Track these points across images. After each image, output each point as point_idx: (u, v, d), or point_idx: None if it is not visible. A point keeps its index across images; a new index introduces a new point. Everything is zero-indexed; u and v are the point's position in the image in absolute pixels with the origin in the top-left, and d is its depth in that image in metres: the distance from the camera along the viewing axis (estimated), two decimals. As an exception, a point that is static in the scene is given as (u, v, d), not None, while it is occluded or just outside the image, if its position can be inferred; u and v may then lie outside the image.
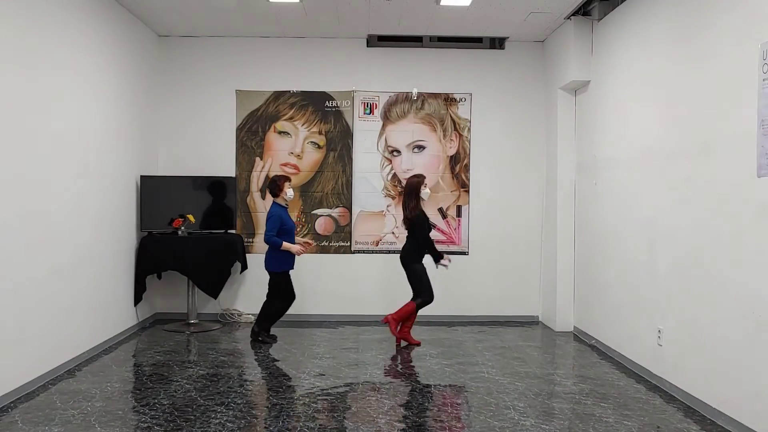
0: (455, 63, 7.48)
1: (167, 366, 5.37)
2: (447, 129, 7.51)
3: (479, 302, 7.48)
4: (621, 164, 5.73)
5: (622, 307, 5.66)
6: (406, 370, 5.41)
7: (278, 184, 6.16)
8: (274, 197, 6.20)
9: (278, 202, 6.18)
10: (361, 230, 7.48)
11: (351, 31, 7.18)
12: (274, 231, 6.02)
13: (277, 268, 6.15)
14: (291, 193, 6.21)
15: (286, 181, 6.21)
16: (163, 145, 7.40)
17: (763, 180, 3.73)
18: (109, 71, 6.04)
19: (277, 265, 6.14)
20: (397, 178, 7.48)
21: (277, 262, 6.13)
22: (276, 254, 6.11)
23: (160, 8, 6.42)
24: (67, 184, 5.21)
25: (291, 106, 7.45)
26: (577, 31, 6.49)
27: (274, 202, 6.20)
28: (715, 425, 4.12)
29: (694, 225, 4.49)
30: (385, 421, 4.12)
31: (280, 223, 6.06)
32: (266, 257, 6.20)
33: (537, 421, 4.14)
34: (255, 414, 4.25)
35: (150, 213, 6.83)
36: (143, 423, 4.03)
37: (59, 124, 5.09)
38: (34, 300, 4.72)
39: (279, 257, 6.12)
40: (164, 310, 7.36)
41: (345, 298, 7.45)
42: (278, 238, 6.04)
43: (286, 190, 6.15)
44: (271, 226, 6.03)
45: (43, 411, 4.23)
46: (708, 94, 4.34)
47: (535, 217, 7.54)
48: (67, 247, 5.21)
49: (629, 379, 5.16)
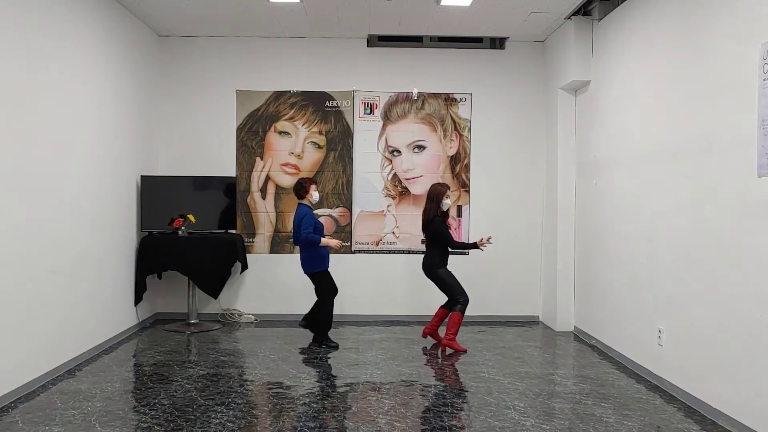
0: (455, 63, 7.48)
1: (167, 366, 5.37)
2: (447, 129, 7.51)
3: (479, 302, 7.46)
4: (621, 164, 5.73)
5: (622, 307, 5.66)
6: (407, 370, 5.41)
7: (304, 186, 6.14)
8: (300, 199, 6.17)
9: (304, 203, 6.16)
10: (361, 230, 7.47)
11: (351, 31, 7.18)
12: (311, 228, 5.95)
13: (316, 269, 6.09)
14: (317, 196, 6.19)
15: (313, 183, 6.19)
16: (163, 145, 7.40)
17: (764, 180, 3.72)
18: (109, 71, 6.04)
19: (315, 265, 6.07)
20: (398, 178, 7.48)
21: (315, 263, 6.07)
22: (312, 254, 6.04)
23: (160, 8, 6.42)
24: (67, 184, 5.21)
25: (291, 106, 7.45)
26: (578, 31, 6.49)
27: (300, 203, 6.17)
28: (715, 425, 4.12)
29: (694, 225, 4.49)
30: (385, 421, 4.12)
31: (314, 221, 6.04)
32: (303, 260, 6.11)
33: (537, 421, 4.14)
34: (255, 414, 4.25)
35: (150, 213, 6.84)
36: (143, 423, 4.03)
37: (60, 124, 5.09)
38: (34, 300, 4.72)
39: (316, 257, 6.05)
40: (164, 310, 7.36)
41: (345, 298, 7.44)
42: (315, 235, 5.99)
43: (312, 192, 6.14)
44: (308, 223, 5.94)
45: (44, 411, 4.23)
46: (708, 93, 4.34)
47: (536, 217, 7.54)
48: (67, 247, 5.21)
49: (629, 379, 5.16)
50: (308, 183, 6.17)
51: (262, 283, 7.43)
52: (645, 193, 5.25)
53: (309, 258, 6.07)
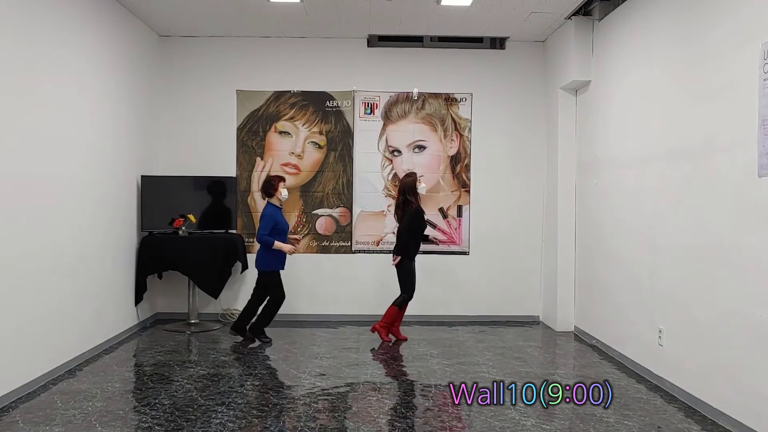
0: (456, 63, 7.48)
1: (168, 366, 5.38)
2: (447, 129, 7.51)
3: (479, 302, 7.48)
4: (622, 164, 5.73)
5: (622, 307, 5.66)
6: (407, 370, 5.41)
7: (273, 184, 6.19)
8: (269, 197, 6.22)
9: (272, 202, 6.21)
10: (361, 230, 7.47)
11: (351, 31, 7.18)
12: (266, 230, 6.06)
13: (267, 267, 6.18)
14: (285, 194, 6.24)
15: (281, 181, 6.24)
16: (163, 145, 7.41)
17: (764, 180, 3.72)
18: (109, 71, 6.04)
19: (267, 264, 6.17)
20: (398, 178, 7.48)
21: (267, 261, 6.17)
22: (267, 253, 6.15)
23: (160, 8, 6.43)
24: (67, 184, 5.21)
25: (291, 106, 7.45)
26: (578, 31, 6.49)
27: (269, 202, 6.22)
28: (715, 425, 4.12)
29: (694, 225, 4.49)
30: (385, 421, 4.12)
31: (273, 222, 6.09)
32: (257, 256, 6.24)
33: (538, 421, 4.14)
34: (255, 414, 4.25)
35: (150, 213, 6.84)
36: (144, 423, 4.04)
37: (60, 124, 5.10)
38: (34, 300, 4.73)
39: (270, 256, 6.15)
40: (165, 310, 7.36)
41: (345, 298, 7.45)
42: (271, 237, 6.07)
43: (280, 190, 6.18)
44: (264, 225, 6.08)
45: (44, 411, 4.23)
46: (708, 93, 4.34)
47: (536, 216, 7.54)
48: (67, 247, 5.21)
49: (630, 379, 5.16)
50: (276, 181, 6.22)
51: (263, 283, 7.42)
52: (645, 193, 5.25)
53: (263, 256, 6.19)
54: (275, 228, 6.10)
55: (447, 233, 7.51)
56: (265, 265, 6.18)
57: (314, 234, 7.46)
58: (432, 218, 7.44)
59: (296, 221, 7.44)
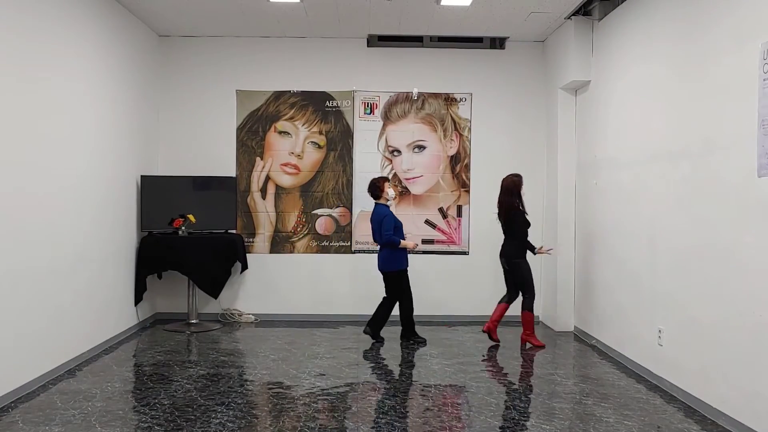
0: (455, 63, 7.47)
1: (168, 366, 5.37)
2: (447, 129, 7.51)
3: (479, 302, 7.46)
4: (621, 164, 5.73)
5: (622, 307, 5.66)
6: (407, 370, 5.41)
7: (378, 185, 6.20)
8: (376, 199, 6.22)
9: (381, 203, 6.20)
10: (361, 230, 7.47)
11: (351, 31, 7.18)
12: (392, 230, 6.03)
13: (394, 267, 6.15)
14: (392, 193, 6.25)
15: (386, 181, 6.25)
16: (163, 144, 7.40)
17: (764, 180, 3.72)
18: (109, 71, 6.04)
19: (394, 264, 6.14)
20: (398, 178, 7.48)
21: (393, 261, 6.13)
22: (392, 253, 6.11)
23: (160, 8, 6.42)
24: (67, 184, 5.21)
25: (291, 106, 7.45)
26: (578, 31, 6.49)
27: (377, 203, 6.22)
28: (715, 425, 4.12)
29: (694, 225, 4.49)
30: (385, 421, 4.12)
31: (394, 221, 6.09)
32: (380, 258, 6.19)
33: (537, 421, 4.14)
34: (255, 414, 4.26)
35: (150, 213, 6.83)
36: (144, 423, 4.03)
37: (59, 124, 5.09)
38: (34, 300, 4.72)
39: (395, 256, 6.12)
40: (165, 310, 7.36)
41: (345, 298, 7.44)
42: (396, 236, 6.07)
43: (387, 190, 6.19)
44: (389, 225, 6.03)
45: (44, 411, 4.23)
46: (708, 93, 4.34)
47: (536, 216, 7.52)
48: (67, 247, 5.21)
49: (629, 379, 5.16)
50: (382, 182, 6.22)
51: (262, 283, 7.42)
52: (645, 193, 5.25)
53: (388, 257, 6.13)
54: (395, 227, 6.09)
55: (446, 233, 7.51)
56: (392, 265, 6.14)
57: (314, 234, 7.45)
58: (432, 218, 7.44)
59: (296, 221, 7.44)
